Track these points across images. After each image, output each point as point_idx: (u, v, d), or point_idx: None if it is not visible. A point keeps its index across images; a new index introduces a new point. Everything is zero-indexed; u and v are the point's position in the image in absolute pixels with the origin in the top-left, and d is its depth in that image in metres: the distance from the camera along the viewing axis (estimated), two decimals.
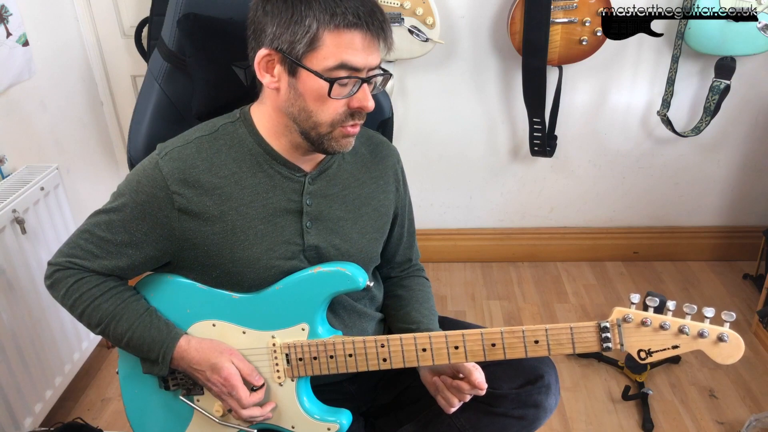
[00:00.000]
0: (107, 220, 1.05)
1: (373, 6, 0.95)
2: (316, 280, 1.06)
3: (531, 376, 1.10)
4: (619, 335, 0.96)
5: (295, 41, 0.93)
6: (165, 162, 1.02)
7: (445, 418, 1.15)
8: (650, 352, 0.95)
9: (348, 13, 0.92)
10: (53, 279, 1.08)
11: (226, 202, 1.03)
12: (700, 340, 0.93)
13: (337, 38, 0.93)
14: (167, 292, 1.10)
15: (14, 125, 1.79)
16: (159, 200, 1.02)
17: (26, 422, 1.63)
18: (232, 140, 1.05)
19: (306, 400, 1.10)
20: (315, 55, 0.94)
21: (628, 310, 0.95)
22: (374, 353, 1.04)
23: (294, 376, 1.08)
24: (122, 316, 1.05)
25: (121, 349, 1.12)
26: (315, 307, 1.06)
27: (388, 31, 0.97)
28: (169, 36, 1.26)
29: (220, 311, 1.08)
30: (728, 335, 0.92)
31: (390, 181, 1.18)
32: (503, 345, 1.00)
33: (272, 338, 1.07)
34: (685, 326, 0.93)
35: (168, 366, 1.05)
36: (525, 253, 2.58)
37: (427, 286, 1.27)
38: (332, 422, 1.09)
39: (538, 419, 1.11)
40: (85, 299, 1.05)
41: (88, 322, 1.07)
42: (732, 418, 1.80)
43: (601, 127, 2.32)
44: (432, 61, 2.19)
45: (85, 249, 1.05)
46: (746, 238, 2.45)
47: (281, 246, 1.06)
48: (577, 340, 0.97)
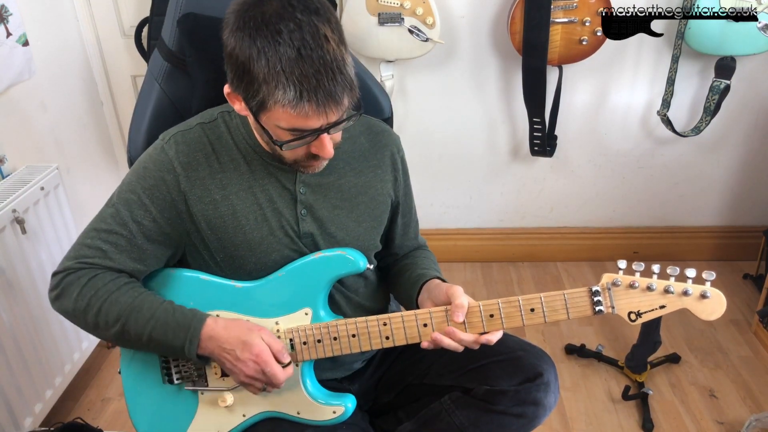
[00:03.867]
0: (113, 212, 1.04)
1: (325, 78, 0.87)
2: (317, 265, 1.08)
3: (530, 373, 1.11)
4: (609, 298, 1.01)
5: (248, 97, 0.92)
6: (170, 146, 1.05)
7: (444, 416, 1.15)
8: (640, 313, 1.01)
9: (290, 91, 0.87)
10: (62, 286, 1.03)
11: (227, 187, 1.06)
12: (684, 298, 0.99)
13: (284, 111, 0.90)
14: (170, 285, 1.11)
15: (14, 125, 1.80)
16: (167, 183, 1.03)
17: (26, 422, 1.63)
18: (229, 129, 1.08)
19: (310, 384, 1.11)
20: (267, 115, 0.93)
21: (616, 275, 1.01)
22: (377, 332, 1.06)
23: (299, 361, 1.09)
24: (142, 307, 1.03)
25: (138, 350, 1.09)
26: (317, 291, 1.08)
27: (345, 93, 0.90)
28: (169, 36, 1.26)
29: (222, 301, 1.09)
30: (710, 292, 0.98)
31: (388, 170, 1.17)
32: (501, 315, 1.02)
33: (276, 324, 1.08)
34: (670, 286, 0.98)
35: (196, 348, 1.02)
36: (525, 253, 2.58)
37: (432, 255, 1.29)
38: (337, 405, 1.10)
39: (537, 417, 1.12)
40: (101, 295, 1.02)
41: (105, 320, 1.02)
42: (732, 418, 1.80)
43: (601, 127, 2.32)
44: (432, 61, 2.20)
45: (93, 247, 1.04)
46: (746, 238, 2.45)
47: (279, 231, 1.08)
48: (571, 306, 1.02)
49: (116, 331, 1.03)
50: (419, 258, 1.25)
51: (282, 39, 0.86)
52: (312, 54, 0.87)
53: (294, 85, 0.87)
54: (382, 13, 1.95)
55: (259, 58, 0.87)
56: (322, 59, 0.87)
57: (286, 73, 0.87)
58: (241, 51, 0.88)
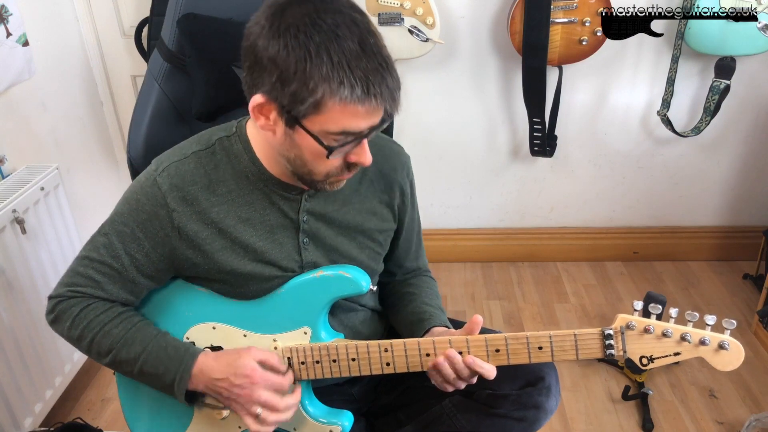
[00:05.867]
0: (106, 242, 1.02)
1: (387, 73, 0.86)
2: (318, 285, 1.05)
3: (532, 377, 1.10)
4: (622, 342, 0.97)
5: (296, 101, 0.85)
6: (163, 179, 1.00)
7: (445, 420, 1.15)
8: (652, 358, 0.97)
9: (358, 86, 0.83)
10: (56, 312, 1.04)
11: (225, 219, 1.02)
12: (701, 348, 0.95)
13: (343, 109, 0.85)
14: (167, 296, 1.09)
15: (14, 125, 1.79)
16: (160, 218, 1.00)
17: (26, 422, 1.63)
18: (228, 157, 1.02)
19: (308, 403, 1.10)
20: (317, 119, 0.87)
21: (631, 317, 0.96)
22: (377, 357, 1.04)
23: (296, 379, 1.07)
24: (135, 340, 1.02)
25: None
26: (317, 311, 1.06)
27: (398, 96, 0.88)
28: (169, 36, 1.26)
29: (220, 314, 1.08)
30: (729, 343, 0.94)
31: (395, 195, 1.15)
32: (507, 351, 1.00)
33: (274, 342, 1.07)
34: (687, 334, 0.95)
35: (186, 384, 1.00)
36: (525, 253, 2.58)
37: (435, 286, 1.27)
38: (334, 424, 1.09)
39: (538, 421, 1.11)
40: (93, 326, 1.02)
41: (97, 351, 1.03)
42: (732, 418, 1.80)
43: (601, 127, 2.32)
44: (432, 61, 2.19)
45: (85, 276, 1.02)
46: (746, 238, 2.45)
47: (281, 262, 1.05)
48: (581, 347, 0.98)
49: (108, 361, 1.03)
50: (424, 288, 1.23)
51: (344, 34, 0.82)
52: (373, 48, 0.84)
53: (361, 81, 0.83)
54: (382, 13, 1.95)
55: (319, 55, 0.82)
56: (380, 54, 0.85)
57: (353, 68, 0.83)
58: (292, 52, 0.83)
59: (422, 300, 1.18)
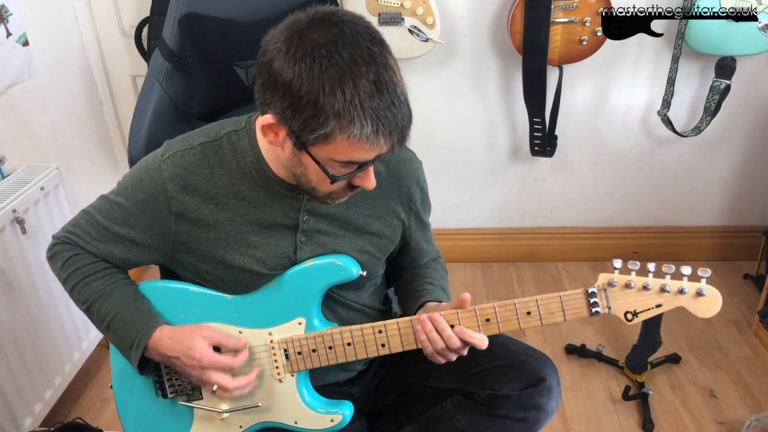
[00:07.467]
0: (108, 208, 1.07)
1: (398, 111, 0.86)
2: (309, 274, 1.07)
3: (532, 378, 1.10)
4: (606, 299, 1.00)
5: (306, 130, 0.86)
6: (167, 166, 1.03)
7: (445, 420, 1.15)
8: (636, 312, 1.00)
9: (368, 125, 0.84)
10: (53, 251, 1.10)
11: (222, 212, 1.04)
12: (680, 297, 0.98)
13: (351, 144, 0.86)
14: (160, 299, 1.10)
15: (14, 125, 1.79)
16: (158, 201, 1.04)
17: (26, 422, 1.63)
18: (234, 151, 1.04)
19: (306, 393, 1.10)
20: (324, 147, 0.88)
21: (612, 275, 1.00)
22: (372, 340, 1.05)
23: (294, 371, 1.08)
24: (109, 297, 1.07)
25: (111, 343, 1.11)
26: (310, 300, 1.07)
27: (408, 132, 0.90)
28: (170, 36, 1.26)
29: (214, 313, 1.08)
30: (706, 290, 0.98)
31: (403, 201, 1.14)
32: (497, 319, 1.02)
33: (269, 335, 1.08)
34: (665, 285, 0.98)
35: (140, 354, 1.04)
36: (525, 253, 2.58)
37: (441, 266, 1.27)
38: (335, 413, 1.10)
39: (539, 421, 1.11)
40: (78, 275, 1.07)
41: (77, 298, 1.09)
42: (732, 418, 1.80)
43: (601, 127, 2.32)
44: (432, 61, 2.19)
45: (84, 229, 1.08)
46: (746, 238, 2.45)
47: (273, 259, 1.06)
48: (567, 308, 1.01)
49: (84, 310, 1.10)
50: (429, 269, 1.23)
51: (359, 71, 0.83)
52: (387, 87, 0.85)
53: (372, 120, 0.84)
54: (382, 13, 1.95)
55: (333, 91, 0.82)
56: (395, 92, 0.86)
57: (365, 107, 0.83)
58: (306, 82, 0.83)
59: (425, 280, 1.19)
